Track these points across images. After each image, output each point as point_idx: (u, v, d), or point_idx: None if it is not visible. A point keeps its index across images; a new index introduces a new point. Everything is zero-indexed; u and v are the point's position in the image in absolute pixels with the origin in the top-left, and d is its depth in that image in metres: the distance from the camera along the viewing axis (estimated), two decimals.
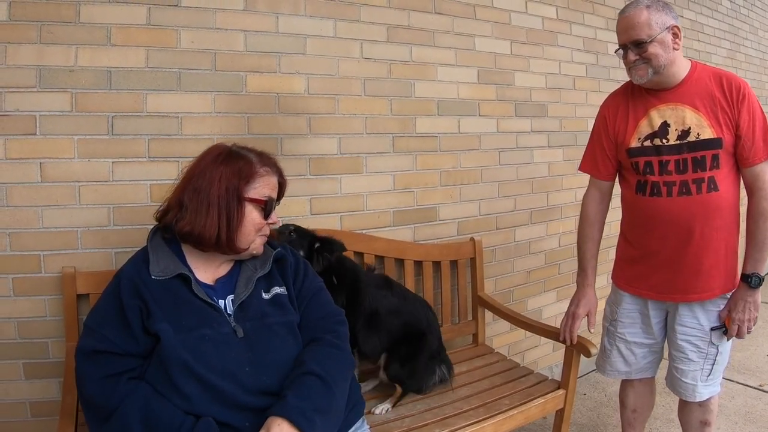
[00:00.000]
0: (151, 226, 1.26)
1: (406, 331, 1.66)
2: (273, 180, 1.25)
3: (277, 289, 1.24)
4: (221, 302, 1.18)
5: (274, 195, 1.26)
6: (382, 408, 1.60)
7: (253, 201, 1.19)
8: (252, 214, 1.19)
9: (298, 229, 1.61)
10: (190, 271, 1.17)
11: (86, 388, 1.05)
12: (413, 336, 1.66)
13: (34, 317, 1.48)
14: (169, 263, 1.15)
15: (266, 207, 1.21)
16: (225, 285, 1.21)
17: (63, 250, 1.49)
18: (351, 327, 1.53)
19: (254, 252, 1.24)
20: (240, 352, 1.12)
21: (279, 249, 1.30)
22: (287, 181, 1.31)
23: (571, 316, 1.71)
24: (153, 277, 1.12)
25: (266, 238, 1.27)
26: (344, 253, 1.67)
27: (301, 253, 1.53)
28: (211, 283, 1.20)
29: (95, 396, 1.04)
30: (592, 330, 1.75)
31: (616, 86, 1.72)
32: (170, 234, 1.19)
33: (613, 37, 2.65)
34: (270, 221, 1.24)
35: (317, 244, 1.59)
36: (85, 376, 1.06)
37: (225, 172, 1.16)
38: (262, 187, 1.21)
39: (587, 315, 1.71)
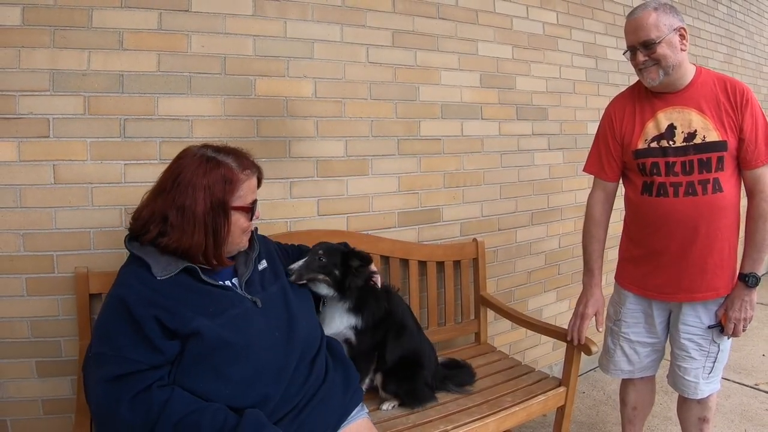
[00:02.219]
0: None
1: (413, 356, 1.65)
2: (254, 181, 1.25)
3: (264, 263, 1.33)
4: (228, 282, 1.22)
5: (256, 194, 1.26)
6: (389, 405, 1.63)
7: (239, 209, 1.19)
8: (239, 221, 1.20)
9: (327, 250, 1.50)
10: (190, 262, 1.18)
11: (119, 412, 1.00)
12: (415, 363, 1.66)
13: (47, 317, 1.50)
14: (169, 260, 1.13)
15: (252, 211, 1.23)
16: (225, 267, 1.24)
17: (76, 251, 1.52)
18: (384, 333, 1.58)
19: (241, 249, 1.26)
20: (266, 320, 1.19)
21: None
22: (262, 169, 1.30)
23: (579, 316, 1.73)
24: (159, 278, 1.10)
25: (250, 234, 1.28)
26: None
27: (337, 272, 1.48)
28: (211, 267, 1.22)
29: (129, 418, 1.00)
30: (600, 329, 1.77)
31: (615, 90, 1.75)
32: (149, 245, 1.15)
33: (612, 42, 2.75)
34: (255, 218, 1.25)
35: (350, 262, 1.51)
36: (116, 401, 1.01)
37: (208, 185, 1.13)
38: (246, 192, 1.21)
39: (595, 315, 1.73)
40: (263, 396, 1.12)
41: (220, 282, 1.20)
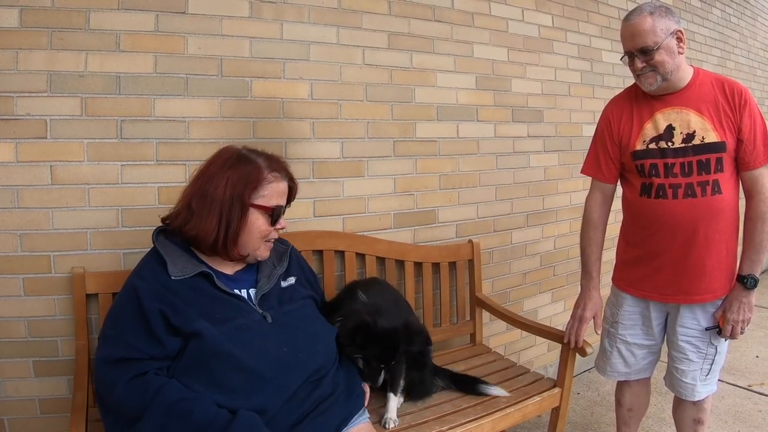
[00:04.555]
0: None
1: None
2: (281, 186, 1.25)
3: (291, 280, 1.33)
4: (243, 292, 1.23)
5: (283, 201, 1.26)
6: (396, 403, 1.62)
7: (259, 208, 1.20)
8: (258, 222, 1.20)
9: (390, 357, 1.43)
10: (210, 267, 1.20)
11: (115, 393, 1.04)
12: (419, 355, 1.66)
13: (45, 316, 1.51)
14: (186, 263, 1.17)
15: (273, 214, 1.23)
16: (246, 276, 1.26)
17: (73, 251, 1.52)
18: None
19: (258, 258, 1.26)
20: (275, 335, 1.18)
21: (291, 245, 1.40)
22: (298, 184, 1.33)
23: (577, 319, 1.71)
24: (173, 277, 1.13)
25: (271, 245, 1.29)
26: (346, 254, 1.67)
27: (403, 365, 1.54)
28: (231, 274, 1.25)
29: (124, 399, 1.04)
30: (598, 332, 1.77)
31: (610, 93, 1.75)
32: (176, 236, 1.22)
33: (607, 45, 2.77)
34: (278, 227, 1.26)
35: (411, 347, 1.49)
36: (112, 382, 1.05)
37: (231, 177, 1.18)
38: (271, 194, 1.22)
39: (593, 317, 1.71)
40: (258, 408, 1.11)
41: (235, 291, 1.21)
